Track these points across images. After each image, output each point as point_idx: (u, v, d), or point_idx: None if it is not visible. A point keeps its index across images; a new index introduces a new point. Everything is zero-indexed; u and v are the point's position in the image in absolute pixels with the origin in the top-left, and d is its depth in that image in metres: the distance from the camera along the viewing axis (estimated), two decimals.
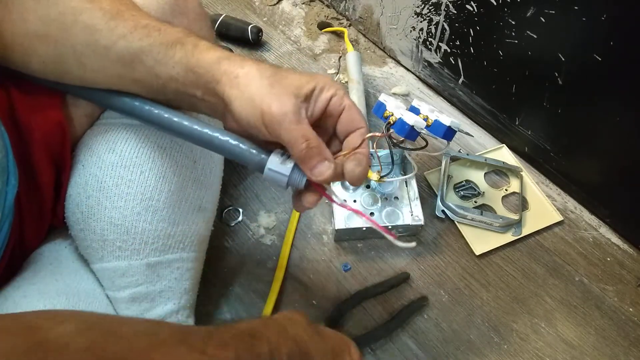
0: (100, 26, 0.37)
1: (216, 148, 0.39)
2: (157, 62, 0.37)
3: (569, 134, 0.67)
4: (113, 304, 0.47)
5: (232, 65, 0.37)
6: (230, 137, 0.39)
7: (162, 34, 0.37)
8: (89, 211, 0.45)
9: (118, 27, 0.37)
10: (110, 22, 0.37)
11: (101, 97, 0.41)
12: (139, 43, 0.37)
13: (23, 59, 0.40)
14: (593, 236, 0.70)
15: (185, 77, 0.37)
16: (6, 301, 0.42)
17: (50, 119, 0.43)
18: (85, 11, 0.37)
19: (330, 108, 0.38)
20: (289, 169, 0.37)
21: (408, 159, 0.69)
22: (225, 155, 0.40)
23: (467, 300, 0.63)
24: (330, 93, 0.38)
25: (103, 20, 0.37)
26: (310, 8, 0.94)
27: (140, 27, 0.37)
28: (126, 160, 0.45)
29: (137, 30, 0.37)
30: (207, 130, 0.39)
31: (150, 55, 0.37)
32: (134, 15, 0.38)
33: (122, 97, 0.41)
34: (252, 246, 0.66)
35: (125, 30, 0.37)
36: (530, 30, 0.61)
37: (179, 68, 0.37)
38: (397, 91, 0.83)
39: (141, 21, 0.38)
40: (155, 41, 0.37)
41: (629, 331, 0.62)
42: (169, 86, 0.38)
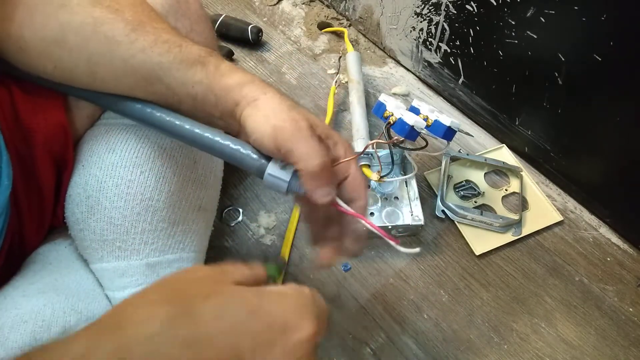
0: (120, 38, 0.37)
1: (216, 152, 0.39)
2: (176, 79, 0.37)
3: (569, 134, 0.67)
4: (112, 304, 0.47)
5: (253, 89, 0.37)
6: (231, 141, 0.38)
7: (182, 51, 0.37)
8: (88, 211, 0.45)
9: (138, 40, 0.37)
10: (131, 35, 0.37)
11: (103, 100, 0.41)
12: (159, 58, 0.37)
13: (36, 62, 0.39)
14: (593, 236, 0.70)
15: (204, 97, 0.37)
16: (5, 300, 0.42)
17: (52, 120, 0.43)
18: (107, 22, 0.37)
19: (336, 169, 0.37)
20: (289, 175, 0.37)
21: (408, 159, 0.69)
22: (226, 160, 0.40)
23: (467, 300, 0.63)
24: (341, 153, 0.38)
25: (124, 32, 0.37)
26: (310, 8, 0.94)
27: (161, 41, 0.37)
28: (126, 161, 0.45)
29: (158, 45, 0.37)
30: (207, 134, 0.39)
31: (169, 72, 0.37)
32: (156, 28, 0.38)
33: (124, 101, 0.40)
34: (252, 246, 0.66)
35: (145, 43, 0.37)
36: (530, 31, 0.61)
37: (199, 88, 0.37)
38: (397, 91, 0.83)
39: (162, 35, 0.37)
40: (175, 58, 0.37)
41: (629, 331, 0.62)
42: (185, 102, 0.38)
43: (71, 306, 0.42)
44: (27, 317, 0.40)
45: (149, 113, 0.40)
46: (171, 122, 0.39)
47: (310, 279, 0.64)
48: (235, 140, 0.39)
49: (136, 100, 0.40)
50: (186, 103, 0.38)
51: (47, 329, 0.40)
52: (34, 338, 0.39)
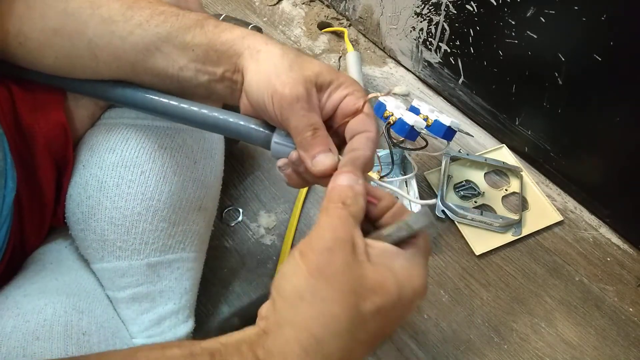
0: (117, 17, 0.37)
1: (219, 128, 0.39)
2: (175, 46, 0.37)
3: (569, 134, 0.67)
4: (113, 304, 0.47)
5: (256, 40, 0.36)
6: (231, 115, 0.38)
7: (180, 19, 0.37)
8: (89, 211, 0.45)
9: (134, 17, 0.37)
10: (127, 12, 0.37)
11: (102, 90, 0.41)
12: (156, 30, 0.37)
13: (37, 55, 0.39)
14: (593, 236, 0.70)
15: (205, 57, 0.37)
16: (7, 300, 0.42)
17: (52, 120, 0.43)
18: (103, 4, 0.37)
19: (343, 106, 0.36)
20: None
21: (408, 159, 0.69)
22: (230, 135, 0.39)
23: (467, 300, 0.63)
24: (347, 91, 0.36)
25: (120, 12, 0.37)
26: (310, 8, 0.94)
27: (157, 13, 0.37)
28: (127, 160, 0.45)
29: (154, 18, 0.37)
30: (205, 111, 0.39)
31: (168, 40, 0.37)
32: (151, 3, 0.38)
33: (122, 88, 0.40)
34: (252, 246, 0.66)
35: (141, 18, 0.37)
36: (530, 30, 0.61)
37: (199, 50, 0.37)
38: (397, 91, 0.83)
39: (158, 8, 0.38)
40: (173, 26, 0.37)
41: (629, 331, 0.62)
42: (186, 69, 0.38)
43: (72, 306, 0.42)
44: (28, 317, 0.40)
45: (149, 98, 0.40)
46: (172, 105, 0.39)
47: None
48: (236, 115, 0.38)
49: (136, 87, 0.40)
50: (187, 69, 0.38)
51: (48, 328, 0.40)
52: (36, 337, 0.39)
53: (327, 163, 0.34)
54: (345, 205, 0.30)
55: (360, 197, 0.31)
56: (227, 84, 0.38)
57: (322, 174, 0.34)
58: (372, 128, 0.36)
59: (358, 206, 0.31)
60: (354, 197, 0.31)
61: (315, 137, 0.34)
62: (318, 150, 0.34)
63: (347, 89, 0.36)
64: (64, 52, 0.39)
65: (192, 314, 0.51)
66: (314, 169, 0.35)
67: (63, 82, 0.42)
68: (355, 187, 0.31)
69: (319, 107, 0.36)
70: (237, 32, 0.37)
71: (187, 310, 0.50)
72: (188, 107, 0.39)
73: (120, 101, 0.42)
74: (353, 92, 0.36)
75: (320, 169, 0.34)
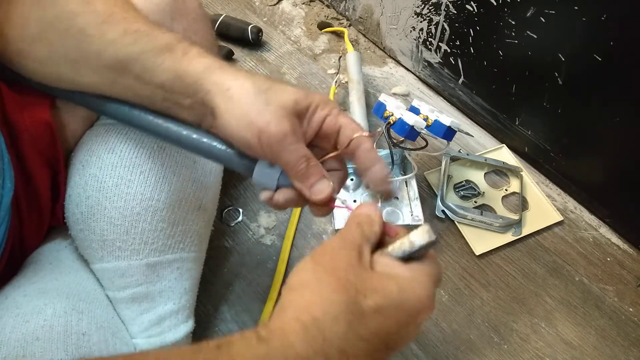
0: (92, 31, 0.37)
1: (203, 152, 0.38)
2: (145, 69, 0.36)
3: (569, 134, 0.67)
4: (113, 304, 0.47)
5: (223, 75, 0.35)
6: (217, 141, 0.38)
7: (151, 40, 0.36)
8: (88, 211, 0.45)
9: (108, 33, 0.36)
10: (102, 26, 0.37)
11: (89, 101, 0.41)
12: (127, 49, 0.36)
13: (20, 61, 0.40)
14: (593, 236, 0.70)
15: (172, 84, 0.36)
16: (6, 300, 0.42)
17: (37, 119, 0.43)
18: (80, 15, 0.37)
19: (325, 128, 0.37)
20: (278, 171, 0.37)
21: (408, 159, 0.69)
22: (213, 160, 0.39)
23: (467, 300, 0.63)
24: (325, 112, 0.36)
25: (95, 24, 0.37)
26: (310, 8, 0.94)
27: (130, 32, 0.36)
28: (126, 161, 0.45)
29: (127, 36, 0.36)
30: (194, 135, 0.38)
31: (138, 62, 0.36)
32: (126, 18, 0.37)
33: (110, 103, 0.40)
34: (252, 246, 0.66)
35: (115, 35, 0.36)
36: (530, 31, 0.61)
37: (167, 75, 0.36)
38: (397, 91, 0.83)
39: (132, 25, 0.37)
40: (144, 47, 0.36)
41: (629, 331, 0.62)
42: (156, 93, 0.37)
43: (72, 306, 0.42)
44: (28, 317, 0.40)
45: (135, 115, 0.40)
46: (156, 123, 0.39)
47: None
48: (220, 140, 0.38)
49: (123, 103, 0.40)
50: (157, 94, 0.37)
51: (48, 328, 0.40)
52: (36, 337, 0.39)
53: (325, 190, 0.36)
54: (359, 225, 0.33)
55: (377, 224, 0.33)
56: (195, 114, 0.38)
57: (322, 201, 0.36)
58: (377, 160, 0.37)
59: (372, 229, 0.33)
60: (370, 223, 0.33)
61: (309, 168, 0.35)
62: (314, 179, 0.36)
63: (323, 109, 0.37)
64: (45, 61, 0.39)
65: (192, 314, 0.51)
66: (313, 198, 0.36)
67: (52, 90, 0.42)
68: (372, 215, 0.33)
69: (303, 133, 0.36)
70: (204, 63, 0.36)
71: (187, 310, 0.50)
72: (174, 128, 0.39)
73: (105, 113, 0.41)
74: (331, 112, 0.37)
75: (319, 197, 0.36)
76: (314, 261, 0.31)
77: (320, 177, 0.36)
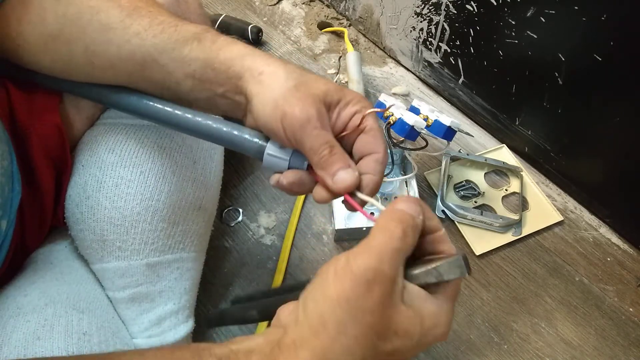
0: (116, 25, 0.36)
1: (211, 137, 0.38)
2: (172, 59, 0.36)
3: (569, 134, 0.67)
4: (113, 304, 0.47)
5: (256, 61, 0.35)
6: (225, 124, 0.37)
7: (178, 30, 0.36)
8: (88, 211, 0.45)
9: (133, 25, 0.36)
10: (126, 20, 0.36)
11: (97, 93, 0.41)
12: (153, 40, 0.36)
13: (35, 58, 0.39)
14: (593, 236, 0.70)
15: (202, 73, 0.36)
16: (7, 300, 0.42)
17: (47, 122, 0.43)
18: (103, 10, 0.37)
19: (351, 124, 0.35)
20: (290, 153, 0.36)
21: (408, 159, 0.69)
22: (222, 144, 0.38)
23: (467, 301, 0.63)
24: (356, 108, 0.35)
25: (119, 19, 0.36)
26: (310, 8, 0.94)
27: (156, 23, 0.36)
28: (126, 161, 0.45)
29: (152, 27, 0.36)
30: (199, 119, 0.38)
31: (164, 52, 0.36)
32: (151, 12, 0.37)
33: (118, 93, 0.40)
34: (252, 246, 0.66)
35: (140, 27, 0.36)
36: (530, 30, 0.61)
37: (196, 65, 0.36)
38: (397, 91, 0.83)
39: (158, 17, 0.37)
40: (170, 38, 0.36)
41: (629, 331, 0.62)
42: (183, 84, 0.37)
43: (73, 306, 0.42)
44: (29, 317, 0.40)
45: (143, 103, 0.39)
46: (164, 110, 0.39)
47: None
48: (230, 123, 0.37)
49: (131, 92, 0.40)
50: (185, 84, 0.37)
51: (49, 328, 0.40)
52: (37, 337, 0.39)
53: (348, 180, 0.33)
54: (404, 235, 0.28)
55: (418, 232, 0.29)
56: (229, 102, 0.37)
57: (344, 191, 0.34)
58: (381, 149, 0.35)
59: (412, 241, 0.29)
60: (413, 231, 0.29)
61: (332, 155, 0.33)
62: (337, 167, 0.33)
63: (355, 105, 0.35)
64: (61, 57, 0.39)
65: (192, 314, 0.51)
66: (335, 187, 0.34)
67: (60, 83, 0.42)
68: (416, 220, 0.29)
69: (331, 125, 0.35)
70: (236, 50, 0.35)
71: (187, 310, 0.50)
72: (182, 114, 0.38)
73: (113, 104, 0.41)
74: (361, 109, 0.35)
75: (341, 186, 0.33)
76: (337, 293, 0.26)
77: (344, 165, 0.34)
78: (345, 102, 0.35)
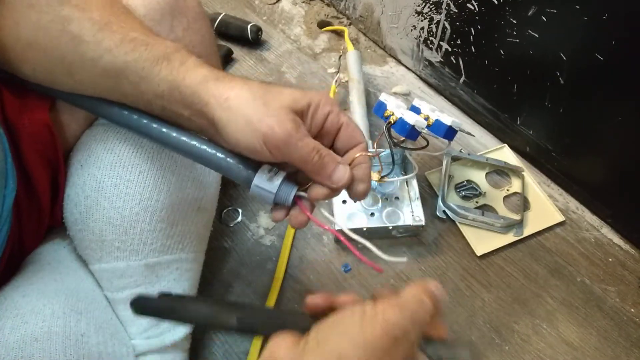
0: (88, 38, 0.36)
1: (204, 160, 0.38)
2: (142, 78, 0.36)
3: (571, 133, 0.66)
4: (112, 304, 0.47)
5: (220, 86, 0.35)
6: (218, 150, 0.38)
7: (148, 49, 0.36)
8: (87, 211, 0.45)
9: (105, 40, 0.36)
10: (98, 35, 0.36)
11: (90, 104, 0.41)
12: (124, 57, 0.36)
13: (15, 64, 0.39)
14: (595, 237, 0.69)
15: (170, 95, 0.36)
16: (5, 301, 0.41)
17: (36, 121, 0.43)
18: (74, 21, 0.36)
19: (327, 125, 0.38)
20: (276, 187, 0.36)
21: (409, 159, 0.68)
22: (212, 168, 0.39)
23: (468, 301, 0.63)
24: (327, 109, 0.37)
25: (91, 32, 0.36)
26: (310, 7, 0.94)
27: (127, 40, 0.36)
28: (125, 160, 0.44)
29: (124, 44, 0.36)
30: (195, 142, 0.38)
31: (134, 71, 0.36)
32: (123, 27, 0.37)
33: (110, 107, 0.40)
34: (251, 247, 0.66)
35: (111, 43, 0.36)
36: (531, 30, 0.61)
37: (164, 86, 0.36)
38: (398, 90, 0.83)
39: (129, 34, 0.37)
40: (140, 56, 0.36)
41: (631, 332, 0.62)
42: (154, 103, 0.37)
43: (71, 307, 0.42)
44: (27, 318, 0.40)
45: (137, 120, 0.39)
46: (157, 129, 0.39)
47: (310, 280, 0.64)
48: (222, 149, 0.38)
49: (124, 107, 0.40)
50: (156, 104, 0.37)
51: (47, 329, 0.39)
52: (35, 339, 0.39)
53: (345, 175, 0.36)
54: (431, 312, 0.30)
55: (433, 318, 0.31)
56: (196, 125, 0.38)
57: (344, 186, 0.37)
58: (363, 138, 0.38)
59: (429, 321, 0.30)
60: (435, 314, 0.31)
61: (323, 158, 0.36)
62: (331, 168, 0.36)
63: (325, 107, 0.37)
64: (41, 65, 0.38)
65: None
66: (336, 185, 0.36)
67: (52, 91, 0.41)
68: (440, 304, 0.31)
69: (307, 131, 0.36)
70: (200, 75, 0.36)
71: None
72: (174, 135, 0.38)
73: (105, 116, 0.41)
74: (332, 110, 0.37)
75: (342, 183, 0.36)
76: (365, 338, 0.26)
77: (336, 164, 0.36)
78: (315, 106, 0.37)
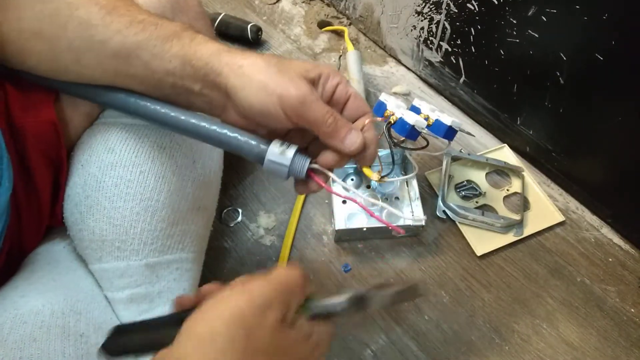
0: (96, 21, 0.37)
1: (214, 140, 0.39)
2: (153, 56, 0.37)
3: (571, 133, 0.66)
4: (112, 304, 0.47)
5: (233, 56, 0.36)
6: (228, 129, 0.39)
7: (158, 28, 0.37)
8: (87, 211, 0.45)
9: (114, 23, 0.37)
10: (106, 18, 0.37)
11: (95, 93, 0.41)
12: (135, 38, 0.37)
13: (18, 57, 0.39)
14: (595, 237, 0.69)
15: (182, 70, 0.37)
16: (4, 301, 0.41)
17: (42, 119, 0.43)
18: (81, 6, 0.37)
19: (337, 96, 0.39)
20: (289, 159, 0.37)
21: (409, 159, 0.68)
22: (224, 148, 0.39)
23: (468, 301, 0.63)
24: (337, 80, 0.39)
25: (99, 15, 0.37)
26: (310, 7, 0.94)
27: (137, 22, 0.37)
28: (125, 160, 0.44)
29: (133, 25, 0.37)
30: (204, 124, 0.39)
31: (146, 49, 0.37)
32: (130, 11, 0.38)
33: (116, 93, 0.40)
34: (251, 247, 0.66)
35: (121, 25, 0.37)
36: (531, 30, 0.61)
37: (176, 62, 0.37)
38: (398, 90, 0.83)
39: (137, 16, 0.37)
40: (151, 35, 0.37)
41: (631, 332, 0.62)
42: (165, 81, 0.38)
43: (70, 307, 0.42)
44: (26, 318, 0.39)
45: (144, 105, 0.40)
46: (167, 114, 0.39)
47: (310, 280, 0.64)
48: (232, 127, 0.39)
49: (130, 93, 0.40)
50: (166, 82, 0.38)
51: (46, 330, 0.39)
52: (33, 339, 0.39)
53: (358, 140, 0.37)
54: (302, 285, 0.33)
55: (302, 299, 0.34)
56: (206, 100, 0.39)
57: (356, 151, 0.38)
58: (368, 108, 0.40)
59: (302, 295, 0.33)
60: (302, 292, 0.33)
61: (336, 122, 0.37)
62: (345, 131, 0.37)
63: (334, 78, 0.39)
64: (46, 56, 0.39)
65: None
66: (348, 150, 0.37)
67: (55, 83, 0.41)
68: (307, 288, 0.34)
69: None
70: (212, 47, 0.37)
71: None
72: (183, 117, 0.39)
73: (110, 103, 0.41)
74: (341, 81, 0.39)
75: (354, 148, 0.37)
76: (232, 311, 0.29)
77: (349, 128, 0.37)
78: (325, 77, 0.38)
